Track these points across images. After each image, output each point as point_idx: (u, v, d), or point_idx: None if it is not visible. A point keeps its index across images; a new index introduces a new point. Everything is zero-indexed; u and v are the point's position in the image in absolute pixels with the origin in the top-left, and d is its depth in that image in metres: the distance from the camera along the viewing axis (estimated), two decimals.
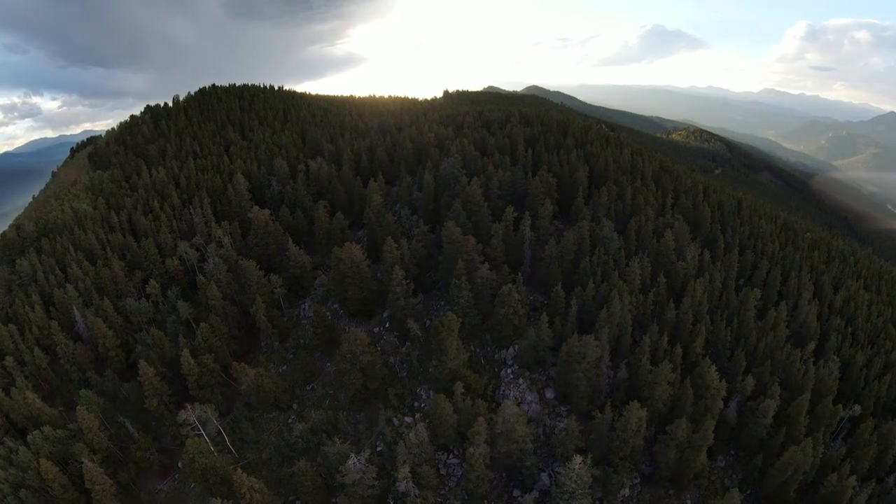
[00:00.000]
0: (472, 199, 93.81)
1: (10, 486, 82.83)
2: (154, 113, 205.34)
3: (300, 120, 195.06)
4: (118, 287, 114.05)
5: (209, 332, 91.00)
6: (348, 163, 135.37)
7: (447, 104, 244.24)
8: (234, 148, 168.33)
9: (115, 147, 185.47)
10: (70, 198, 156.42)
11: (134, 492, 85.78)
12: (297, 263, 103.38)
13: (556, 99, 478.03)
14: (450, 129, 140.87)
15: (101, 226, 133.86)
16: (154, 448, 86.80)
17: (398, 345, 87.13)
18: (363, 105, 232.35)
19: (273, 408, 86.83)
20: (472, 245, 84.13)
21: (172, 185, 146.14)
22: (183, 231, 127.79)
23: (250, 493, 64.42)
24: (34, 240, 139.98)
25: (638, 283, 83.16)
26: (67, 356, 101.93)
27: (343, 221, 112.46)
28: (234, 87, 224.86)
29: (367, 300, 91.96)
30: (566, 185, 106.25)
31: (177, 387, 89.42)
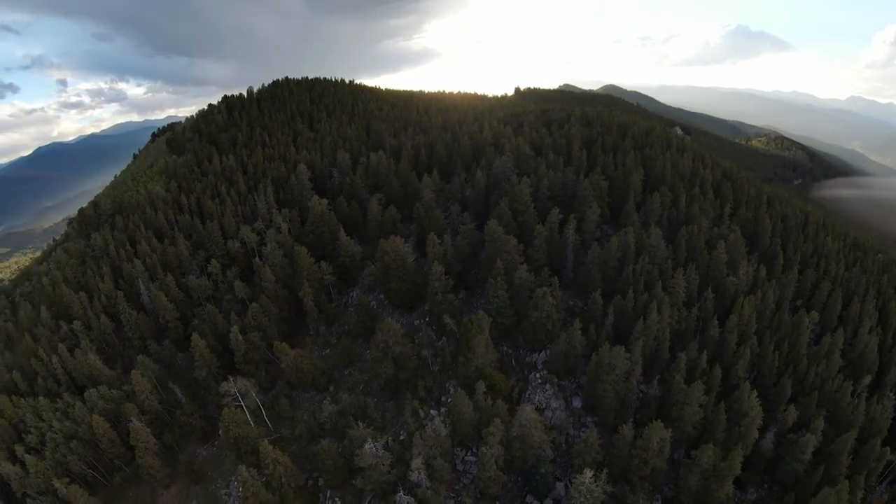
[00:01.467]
0: (519, 198, 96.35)
1: (64, 436, 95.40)
2: (229, 103, 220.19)
3: (367, 114, 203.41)
4: (182, 264, 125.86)
5: (259, 312, 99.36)
6: (407, 157, 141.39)
7: (516, 102, 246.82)
8: (302, 139, 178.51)
9: (191, 134, 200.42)
10: (145, 180, 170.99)
11: (175, 453, 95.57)
12: (348, 253, 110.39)
13: (633, 99, 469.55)
14: (509, 127, 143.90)
15: (172, 207, 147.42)
16: (198, 415, 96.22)
17: (434, 339, 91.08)
18: (430, 101, 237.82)
19: (311, 388, 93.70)
20: (512, 245, 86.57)
21: (240, 172, 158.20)
22: (246, 216, 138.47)
23: (274, 464, 71.66)
24: (109, 216, 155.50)
25: (682, 295, 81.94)
26: (130, 324, 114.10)
27: (395, 215, 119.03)
28: (305, 81, 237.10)
29: (410, 293, 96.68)
30: (619, 189, 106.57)
31: (225, 360, 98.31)
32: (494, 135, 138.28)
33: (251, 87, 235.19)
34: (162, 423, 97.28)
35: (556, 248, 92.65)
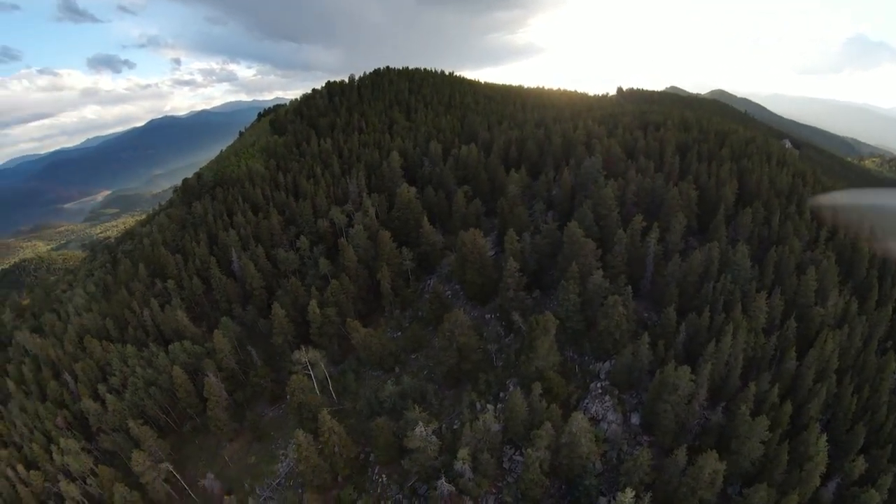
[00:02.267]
0: (603, 202, 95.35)
1: (144, 382, 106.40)
2: (331, 89, 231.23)
3: (463, 106, 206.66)
4: (273, 238, 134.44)
5: (338, 289, 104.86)
6: (497, 152, 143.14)
7: (616, 102, 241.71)
8: (397, 127, 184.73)
9: (293, 116, 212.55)
10: (247, 156, 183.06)
11: (244, 410, 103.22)
12: (429, 241, 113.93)
13: (742, 107, 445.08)
14: (603, 127, 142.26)
15: (269, 183, 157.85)
16: (270, 378, 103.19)
17: (502, 335, 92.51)
18: (528, 96, 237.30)
19: (377, 367, 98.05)
20: (590, 249, 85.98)
21: (335, 156, 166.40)
22: (338, 197, 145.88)
23: (330, 433, 76.39)
24: (210, 188, 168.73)
25: (762, 321, 77.19)
26: (219, 288, 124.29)
27: (480, 208, 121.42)
28: (405, 71, 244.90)
29: (484, 286, 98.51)
30: (710, 200, 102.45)
31: (302, 330, 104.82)
32: (587, 134, 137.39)
33: (353, 74, 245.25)
34: (236, 381, 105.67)
35: (635, 257, 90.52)
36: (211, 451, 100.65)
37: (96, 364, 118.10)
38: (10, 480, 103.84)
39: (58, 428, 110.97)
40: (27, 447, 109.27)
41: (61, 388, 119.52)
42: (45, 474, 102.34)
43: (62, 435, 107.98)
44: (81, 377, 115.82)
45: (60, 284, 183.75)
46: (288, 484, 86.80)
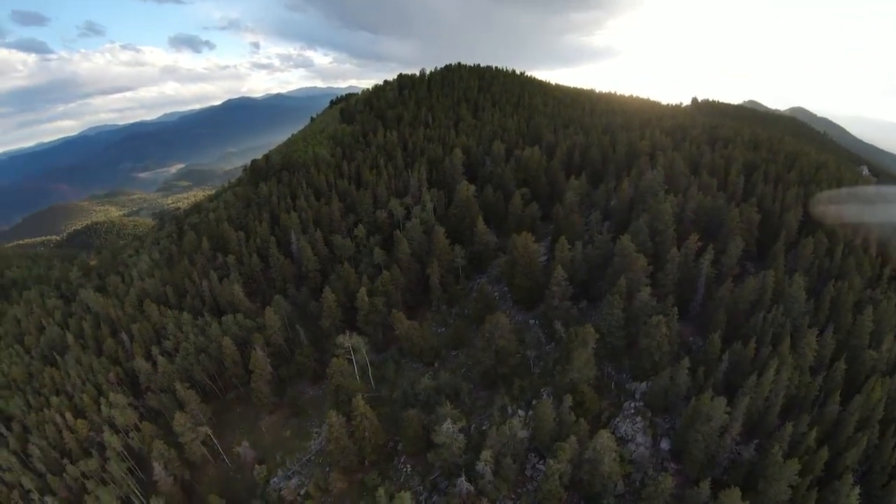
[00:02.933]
0: (660, 217, 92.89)
1: (196, 348, 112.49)
2: (401, 81, 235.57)
3: (531, 107, 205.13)
4: (332, 223, 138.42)
5: (388, 280, 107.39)
6: (560, 156, 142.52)
7: (689, 113, 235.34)
8: (463, 124, 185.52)
9: (362, 107, 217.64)
10: (315, 143, 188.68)
11: (286, 386, 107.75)
12: (483, 241, 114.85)
13: (821, 126, 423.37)
14: (670, 139, 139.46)
15: (333, 171, 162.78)
16: (314, 358, 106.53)
17: (543, 342, 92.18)
18: (598, 101, 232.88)
19: (418, 359, 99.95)
20: (640, 265, 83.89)
21: (400, 148, 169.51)
22: (398, 189, 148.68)
23: (362, 418, 79.04)
24: (277, 170, 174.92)
25: (810, 359, 72.84)
26: (276, 267, 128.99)
27: (536, 212, 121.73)
28: (476, 68, 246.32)
29: (532, 291, 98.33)
30: (772, 225, 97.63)
31: (349, 316, 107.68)
32: (652, 145, 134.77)
33: (424, 68, 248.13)
34: (282, 357, 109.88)
35: (687, 277, 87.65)
36: (249, 421, 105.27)
37: (152, 327, 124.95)
38: (58, 426, 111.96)
39: (109, 382, 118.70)
40: (78, 397, 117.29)
41: (117, 346, 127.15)
42: (90, 424, 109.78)
43: (112, 389, 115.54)
44: (137, 338, 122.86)
45: (127, 249, 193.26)
46: (317, 461, 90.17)
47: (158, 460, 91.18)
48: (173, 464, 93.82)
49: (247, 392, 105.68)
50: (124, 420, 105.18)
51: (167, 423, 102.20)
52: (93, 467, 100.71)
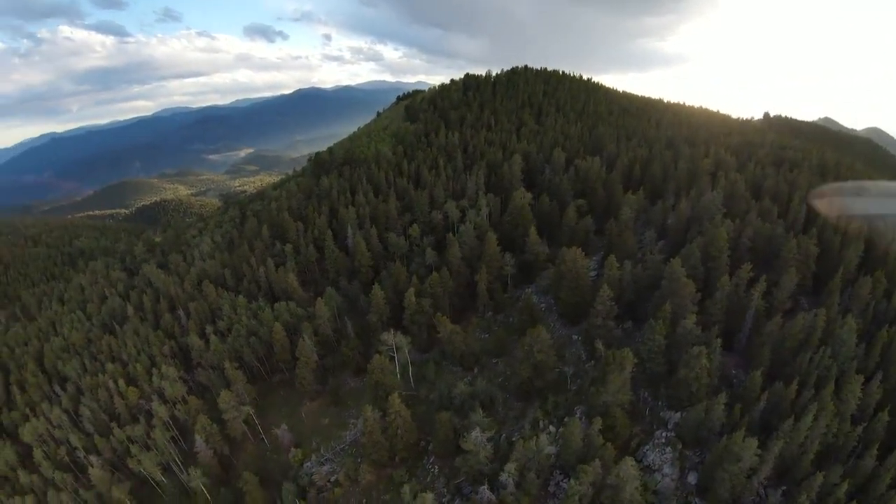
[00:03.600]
0: (714, 243, 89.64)
1: (247, 331, 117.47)
2: (466, 82, 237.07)
3: (595, 115, 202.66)
4: (388, 221, 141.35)
5: (437, 282, 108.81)
6: (620, 169, 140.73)
7: (759, 129, 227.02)
8: (525, 130, 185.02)
9: (426, 106, 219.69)
10: (378, 139, 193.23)
11: (329, 375, 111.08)
12: (533, 251, 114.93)
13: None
14: (734, 158, 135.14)
15: (393, 168, 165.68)
16: (358, 351, 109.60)
17: (583, 359, 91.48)
18: (665, 111, 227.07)
19: (458, 364, 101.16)
20: (688, 291, 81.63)
21: (460, 150, 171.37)
22: (455, 191, 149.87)
23: (396, 415, 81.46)
24: (339, 164, 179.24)
25: (853, 407, 68.14)
26: (331, 259, 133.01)
27: (590, 225, 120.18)
28: (542, 72, 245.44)
29: (577, 306, 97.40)
30: (831, 259, 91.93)
31: (396, 314, 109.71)
32: (716, 163, 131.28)
33: (489, 70, 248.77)
34: (328, 346, 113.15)
35: (736, 307, 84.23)
36: (291, 405, 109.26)
37: (209, 306, 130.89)
38: (110, 391, 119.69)
39: (163, 355, 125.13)
40: (132, 366, 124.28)
41: (173, 322, 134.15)
42: (141, 392, 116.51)
43: (165, 362, 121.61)
44: (193, 315, 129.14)
45: (191, 230, 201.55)
46: (350, 451, 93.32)
47: (201, 433, 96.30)
48: (214, 438, 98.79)
49: (291, 377, 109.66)
50: (173, 392, 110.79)
51: (213, 399, 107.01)
52: (138, 433, 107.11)
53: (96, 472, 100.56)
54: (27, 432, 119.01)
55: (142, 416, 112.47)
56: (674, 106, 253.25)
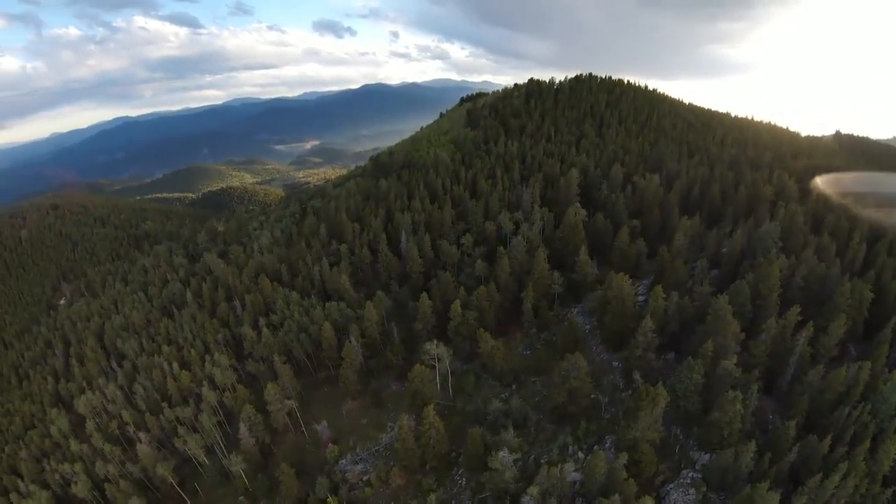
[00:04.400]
0: (765, 280, 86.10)
1: (298, 327, 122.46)
2: (529, 89, 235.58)
3: (658, 129, 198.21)
4: (442, 228, 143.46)
5: (484, 295, 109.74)
6: (679, 189, 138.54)
7: (829, 149, 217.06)
8: (585, 142, 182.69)
9: (487, 112, 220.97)
10: (438, 144, 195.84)
11: (372, 377, 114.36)
12: (582, 271, 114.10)
13: None
14: (796, 186, 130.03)
15: (451, 175, 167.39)
16: (402, 356, 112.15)
17: (620, 388, 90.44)
18: (731, 127, 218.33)
19: (497, 378, 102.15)
20: (732, 331, 78.72)
21: (518, 161, 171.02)
22: (510, 203, 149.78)
23: (430, 425, 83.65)
24: (399, 167, 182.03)
25: (886, 468, 64.26)
26: (384, 263, 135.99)
27: (642, 248, 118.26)
28: (606, 81, 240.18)
29: (621, 333, 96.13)
30: (887, 307, 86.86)
31: (442, 323, 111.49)
32: (777, 189, 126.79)
33: (553, 77, 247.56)
34: (374, 349, 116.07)
35: (781, 350, 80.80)
36: (333, 402, 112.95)
37: (263, 300, 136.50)
38: (164, 372, 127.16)
39: (216, 343, 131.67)
40: (186, 350, 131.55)
41: (229, 311, 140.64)
42: (193, 376, 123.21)
43: (218, 349, 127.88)
44: (248, 307, 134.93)
45: (253, 221, 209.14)
46: (384, 454, 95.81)
47: (245, 421, 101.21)
48: (258, 428, 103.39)
49: (336, 375, 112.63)
50: (223, 379, 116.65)
51: (260, 389, 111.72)
52: (187, 415, 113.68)
53: (143, 449, 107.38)
54: (82, 404, 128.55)
55: (192, 399, 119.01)
56: (740, 121, 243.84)
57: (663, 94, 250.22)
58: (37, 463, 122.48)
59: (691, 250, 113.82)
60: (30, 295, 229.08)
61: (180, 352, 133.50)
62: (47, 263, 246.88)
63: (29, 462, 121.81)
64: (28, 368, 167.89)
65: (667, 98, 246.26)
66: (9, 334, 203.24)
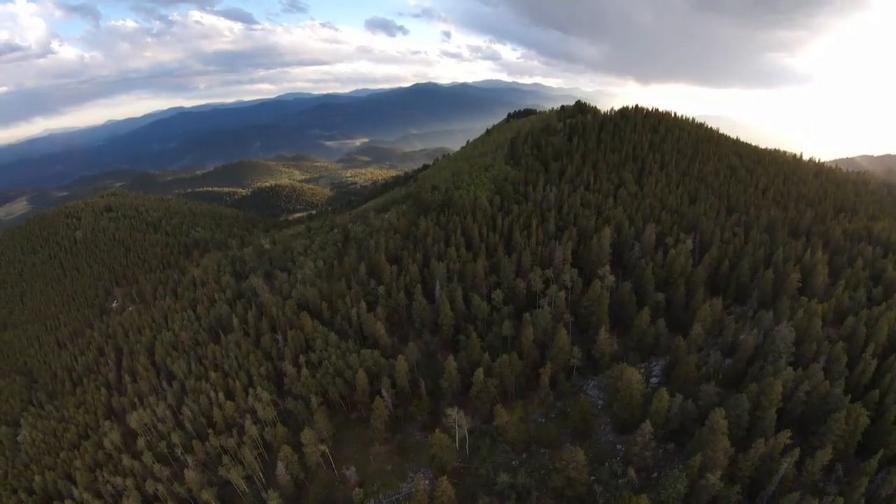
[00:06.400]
0: (767, 394, 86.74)
1: (335, 369, 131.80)
2: (572, 128, 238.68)
3: (699, 177, 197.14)
4: (475, 281, 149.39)
5: (505, 364, 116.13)
6: (708, 263, 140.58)
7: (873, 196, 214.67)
8: (623, 192, 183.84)
9: (529, 149, 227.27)
10: (478, 184, 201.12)
11: (400, 425, 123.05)
12: (601, 349, 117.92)
13: None
14: (827, 269, 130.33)
15: (487, 223, 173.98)
16: (427, 411, 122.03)
17: (617, 475, 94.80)
18: (777, 173, 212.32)
19: (510, 444, 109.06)
20: (722, 447, 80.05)
21: (555, 210, 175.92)
22: (543, 258, 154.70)
23: (442, 493, 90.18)
24: (439, 205, 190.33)
25: None
26: (418, 310, 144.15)
27: (663, 329, 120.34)
28: (652, 115, 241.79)
29: (628, 422, 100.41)
30: (882, 430, 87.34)
31: (467, 381, 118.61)
32: (805, 272, 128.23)
33: (597, 109, 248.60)
34: (403, 397, 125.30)
35: (766, 467, 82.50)
36: (362, 443, 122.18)
37: (304, 336, 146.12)
38: (210, 400, 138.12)
39: (259, 375, 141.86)
40: (231, 378, 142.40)
41: (272, 344, 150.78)
42: (237, 406, 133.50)
43: (260, 384, 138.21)
44: (290, 342, 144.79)
45: (297, 243, 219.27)
46: (403, 503, 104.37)
47: (283, 461, 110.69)
48: (293, 466, 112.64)
49: (367, 416, 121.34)
50: (264, 414, 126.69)
51: (297, 423, 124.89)
52: (230, 444, 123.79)
53: (190, 474, 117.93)
54: (134, 420, 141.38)
55: (235, 429, 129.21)
56: (786, 162, 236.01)
57: (710, 131, 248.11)
58: (90, 472, 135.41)
59: (710, 333, 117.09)
60: (83, 297, 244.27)
61: (226, 379, 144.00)
62: (100, 267, 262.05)
63: (83, 471, 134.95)
64: (82, 375, 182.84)
65: (713, 136, 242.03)
66: (63, 335, 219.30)
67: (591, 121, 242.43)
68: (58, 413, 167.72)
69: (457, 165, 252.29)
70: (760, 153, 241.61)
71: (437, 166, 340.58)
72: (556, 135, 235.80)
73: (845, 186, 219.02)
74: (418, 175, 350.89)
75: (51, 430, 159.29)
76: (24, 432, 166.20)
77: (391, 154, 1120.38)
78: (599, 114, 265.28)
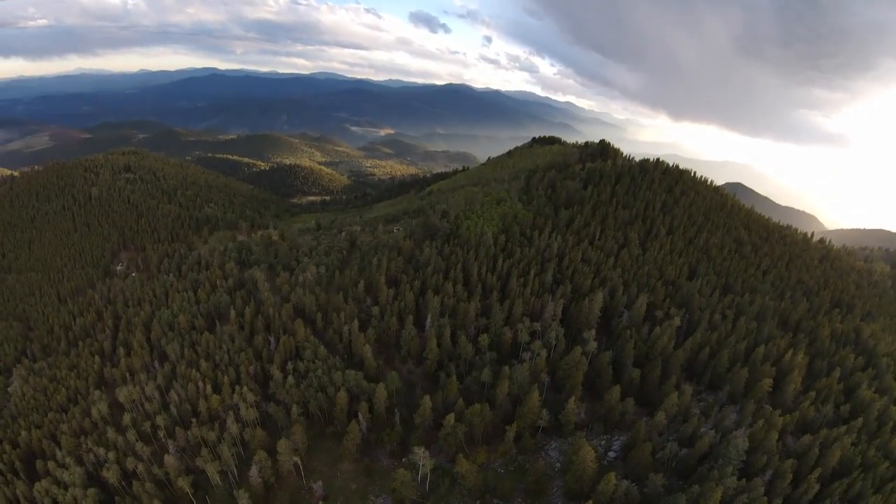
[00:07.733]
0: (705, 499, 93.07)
1: (319, 383, 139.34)
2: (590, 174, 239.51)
3: (703, 249, 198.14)
4: (465, 320, 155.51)
5: (477, 414, 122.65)
6: (690, 347, 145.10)
7: (878, 287, 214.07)
8: (625, 253, 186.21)
9: (542, 189, 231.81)
10: (487, 218, 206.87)
11: (371, 449, 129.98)
12: (567, 416, 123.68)
13: None
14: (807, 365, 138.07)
15: (487, 263, 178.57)
16: (397, 441, 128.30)
17: None
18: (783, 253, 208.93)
19: (466, 490, 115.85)
20: None
21: (555, 261, 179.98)
22: (534, 311, 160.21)
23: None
24: (446, 234, 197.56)
25: None
26: (406, 338, 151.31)
27: (630, 407, 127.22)
28: (671, 171, 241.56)
29: (577, 492, 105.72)
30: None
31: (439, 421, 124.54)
32: (779, 376, 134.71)
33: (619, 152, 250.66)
34: (378, 423, 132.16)
35: None
36: (333, 458, 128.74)
37: (295, 343, 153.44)
38: (198, 390, 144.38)
39: (247, 374, 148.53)
40: (220, 372, 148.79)
41: (264, 344, 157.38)
42: (221, 401, 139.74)
43: (247, 383, 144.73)
44: (280, 348, 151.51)
45: (303, 243, 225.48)
46: None
47: (257, 465, 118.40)
48: (266, 471, 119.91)
49: (342, 433, 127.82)
50: (246, 414, 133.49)
51: (275, 427, 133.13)
52: (210, 438, 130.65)
53: (169, 459, 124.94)
54: (123, 394, 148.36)
55: (217, 423, 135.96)
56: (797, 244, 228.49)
57: (724, 198, 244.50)
58: (75, 438, 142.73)
59: (674, 419, 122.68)
60: (90, 255, 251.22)
61: (215, 371, 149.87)
62: (110, 228, 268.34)
63: (69, 436, 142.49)
64: (78, 338, 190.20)
65: (727, 204, 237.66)
66: (65, 289, 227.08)
67: (609, 169, 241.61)
68: (50, 371, 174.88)
69: (470, 192, 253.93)
70: (771, 228, 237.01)
71: (453, 181, 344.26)
72: (573, 179, 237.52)
73: (848, 276, 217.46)
74: (433, 188, 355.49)
75: (42, 387, 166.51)
76: (15, 384, 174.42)
77: (414, 150, 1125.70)
78: (620, 159, 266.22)
